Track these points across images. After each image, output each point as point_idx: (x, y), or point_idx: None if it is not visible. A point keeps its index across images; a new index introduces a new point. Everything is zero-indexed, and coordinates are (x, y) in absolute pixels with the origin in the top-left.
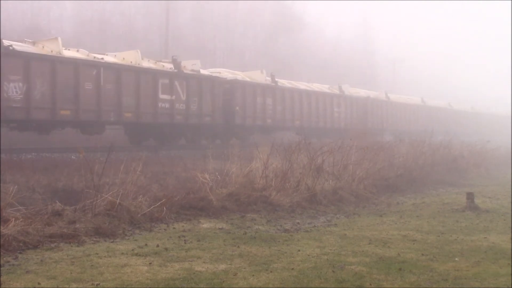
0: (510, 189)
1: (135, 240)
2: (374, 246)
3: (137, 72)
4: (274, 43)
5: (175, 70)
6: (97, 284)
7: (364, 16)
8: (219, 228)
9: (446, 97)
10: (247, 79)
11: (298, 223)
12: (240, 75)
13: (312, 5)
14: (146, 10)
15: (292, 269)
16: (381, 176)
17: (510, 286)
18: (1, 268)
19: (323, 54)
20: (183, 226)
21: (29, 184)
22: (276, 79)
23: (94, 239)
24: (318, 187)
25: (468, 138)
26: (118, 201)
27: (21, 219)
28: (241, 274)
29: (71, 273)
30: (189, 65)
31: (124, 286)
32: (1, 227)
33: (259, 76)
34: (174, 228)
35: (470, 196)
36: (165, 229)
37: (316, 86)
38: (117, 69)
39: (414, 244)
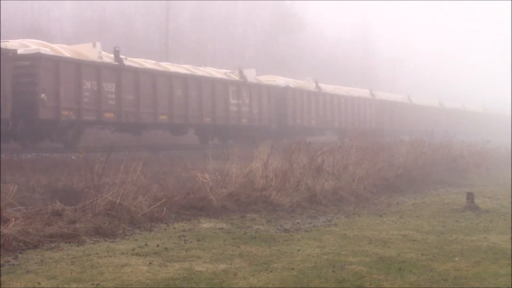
0: (510, 189)
1: (135, 240)
2: (374, 246)
3: None
4: (274, 43)
5: None
6: (97, 284)
7: (364, 16)
8: (219, 228)
9: (445, 97)
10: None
11: (298, 223)
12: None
13: (312, 5)
14: (146, 10)
15: (292, 269)
16: (381, 176)
17: (510, 286)
18: (1, 268)
19: (323, 54)
20: (183, 226)
21: (29, 184)
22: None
23: (94, 239)
24: (318, 187)
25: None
26: (118, 201)
27: (21, 219)
28: (241, 274)
29: (71, 273)
30: None
31: (124, 286)
32: (1, 227)
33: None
34: (174, 228)
35: (470, 196)
36: (165, 229)
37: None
38: None
39: (414, 244)
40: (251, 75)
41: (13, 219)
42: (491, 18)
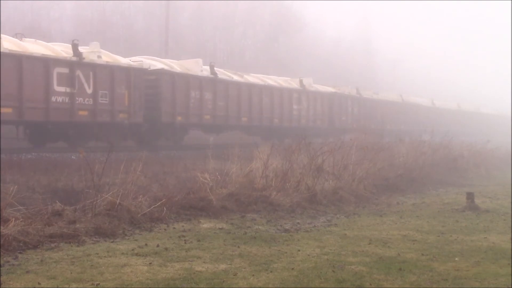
0: (510, 189)
1: (135, 240)
2: (374, 246)
3: None
4: (274, 43)
5: None
6: (97, 284)
7: (364, 16)
8: (219, 228)
9: (445, 98)
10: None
11: (298, 223)
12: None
13: (312, 5)
14: (146, 10)
15: (292, 269)
16: (381, 176)
17: (510, 286)
18: (1, 268)
19: (323, 54)
20: (183, 226)
21: (29, 184)
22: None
23: (94, 239)
24: (318, 187)
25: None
26: (118, 201)
27: (21, 219)
28: (241, 274)
29: (71, 273)
30: None
31: (124, 286)
32: (1, 227)
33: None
34: (174, 228)
35: (470, 196)
36: (165, 229)
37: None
38: None
39: (414, 244)
40: (309, 83)
41: (13, 219)
42: (492, 18)
